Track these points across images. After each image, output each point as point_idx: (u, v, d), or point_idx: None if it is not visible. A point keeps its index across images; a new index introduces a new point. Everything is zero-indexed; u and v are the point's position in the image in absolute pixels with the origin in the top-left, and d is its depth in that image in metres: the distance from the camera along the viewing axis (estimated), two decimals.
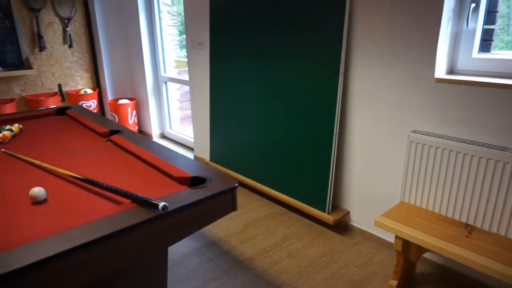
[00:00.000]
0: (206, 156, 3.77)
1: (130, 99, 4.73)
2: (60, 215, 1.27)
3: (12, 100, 4.05)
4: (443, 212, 1.93)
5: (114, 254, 1.11)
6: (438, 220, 1.87)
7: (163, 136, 4.83)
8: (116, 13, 4.53)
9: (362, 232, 2.49)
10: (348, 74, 2.33)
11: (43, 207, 1.33)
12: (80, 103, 4.46)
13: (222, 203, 1.42)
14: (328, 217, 2.47)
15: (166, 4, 4.44)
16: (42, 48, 4.15)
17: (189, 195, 1.36)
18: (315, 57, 2.39)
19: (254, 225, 2.67)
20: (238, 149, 3.19)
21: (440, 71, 1.99)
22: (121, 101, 4.61)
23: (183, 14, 3.66)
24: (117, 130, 2.17)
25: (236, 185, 1.46)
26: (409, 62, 2.03)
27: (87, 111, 2.67)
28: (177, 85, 4.63)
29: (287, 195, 2.79)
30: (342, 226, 2.60)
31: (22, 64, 4.07)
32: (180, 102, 4.99)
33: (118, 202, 1.35)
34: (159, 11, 4.34)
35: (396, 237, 1.84)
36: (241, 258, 2.29)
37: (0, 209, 1.31)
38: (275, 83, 2.72)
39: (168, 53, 4.51)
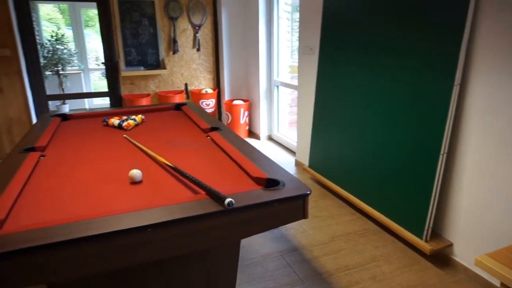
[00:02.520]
0: (305, 161, 3.76)
1: (244, 100, 5.03)
2: (148, 196, 1.44)
3: (147, 95, 4.75)
4: None
5: (178, 238, 1.20)
6: None
7: (270, 138, 4.99)
8: (239, 21, 4.88)
9: (466, 270, 2.14)
10: (466, 85, 2.03)
11: (137, 187, 1.53)
12: (201, 101, 4.95)
13: (292, 208, 1.41)
14: (425, 245, 2.20)
15: (286, 11, 4.59)
16: (175, 51, 4.76)
17: (258, 195, 1.38)
18: (427, 65, 2.16)
19: (341, 238, 2.55)
20: (336, 158, 3.09)
21: None
22: (236, 102, 4.94)
23: None
24: (216, 127, 2.34)
25: (309, 192, 1.42)
26: None
27: (198, 108, 2.95)
28: (290, 90, 4.73)
29: (381, 213, 2.58)
30: (442, 259, 2.27)
31: (159, 65, 4.74)
32: (291, 106, 5.09)
33: (196, 192, 1.47)
34: (278, 18, 4.51)
35: (502, 284, 1.53)
36: (320, 270, 2.21)
37: (107, 183, 1.56)
38: (380, 93, 2.54)
39: (283, 58, 4.65)
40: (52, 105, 6.01)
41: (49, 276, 1.09)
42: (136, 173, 1.57)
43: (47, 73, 5.95)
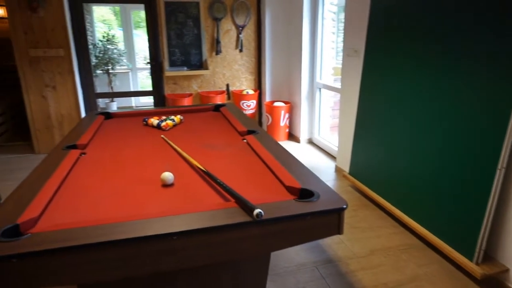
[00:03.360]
0: (346, 168, 3.60)
1: (285, 102, 4.94)
2: (178, 200, 1.42)
3: (190, 95, 4.82)
4: None
5: (203, 248, 1.16)
6: None
7: (310, 142, 4.87)
8: (283, 21, 4.80)
9: None
10: None
11: (168, 190, 1.51)
12: (242, 102, 4.94)
13: (325, 223, 1.32)
14: (475, 268, 1.99)
15: (331, 12, 4.44)
16: (218, 52, 4.79)
17: (290, 206, 1.31)
18: (486, 70, 1.95)
19: (381, 253, 2.39)
20: (379, 167, 2.92)
21: None
22: (276, 104, 4.87)
23: None
24: (253, 130, 2.29)
25: (345, 207, 1.32)
26: None
27: (236, 110, 2.91)
28: (332, 93, 4.58)
29: (427, 228, 2.39)
30: (495, 285, 2.05)
31: (201, 65, 4.79)
32: (333, 110, 4.92)
33: (225, 199, 1.42)
34: (323, 18, 4.37)
35: None
36: (356, 285, 2.08)
37: (140, 184, 1.56)
38: (430, 101, 2.35)
39: (326, 60, 4.51)
40: (101, 102, 6.31)
41: (77, 277, 1.09)
42: (168, 176, 1.56)
43: (98, 71, 6.25)
